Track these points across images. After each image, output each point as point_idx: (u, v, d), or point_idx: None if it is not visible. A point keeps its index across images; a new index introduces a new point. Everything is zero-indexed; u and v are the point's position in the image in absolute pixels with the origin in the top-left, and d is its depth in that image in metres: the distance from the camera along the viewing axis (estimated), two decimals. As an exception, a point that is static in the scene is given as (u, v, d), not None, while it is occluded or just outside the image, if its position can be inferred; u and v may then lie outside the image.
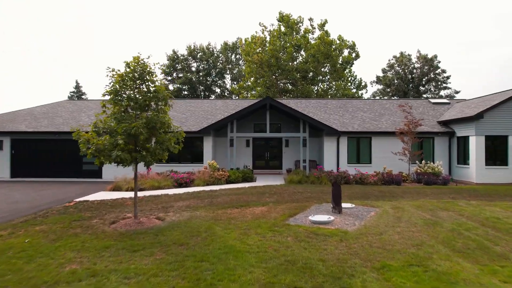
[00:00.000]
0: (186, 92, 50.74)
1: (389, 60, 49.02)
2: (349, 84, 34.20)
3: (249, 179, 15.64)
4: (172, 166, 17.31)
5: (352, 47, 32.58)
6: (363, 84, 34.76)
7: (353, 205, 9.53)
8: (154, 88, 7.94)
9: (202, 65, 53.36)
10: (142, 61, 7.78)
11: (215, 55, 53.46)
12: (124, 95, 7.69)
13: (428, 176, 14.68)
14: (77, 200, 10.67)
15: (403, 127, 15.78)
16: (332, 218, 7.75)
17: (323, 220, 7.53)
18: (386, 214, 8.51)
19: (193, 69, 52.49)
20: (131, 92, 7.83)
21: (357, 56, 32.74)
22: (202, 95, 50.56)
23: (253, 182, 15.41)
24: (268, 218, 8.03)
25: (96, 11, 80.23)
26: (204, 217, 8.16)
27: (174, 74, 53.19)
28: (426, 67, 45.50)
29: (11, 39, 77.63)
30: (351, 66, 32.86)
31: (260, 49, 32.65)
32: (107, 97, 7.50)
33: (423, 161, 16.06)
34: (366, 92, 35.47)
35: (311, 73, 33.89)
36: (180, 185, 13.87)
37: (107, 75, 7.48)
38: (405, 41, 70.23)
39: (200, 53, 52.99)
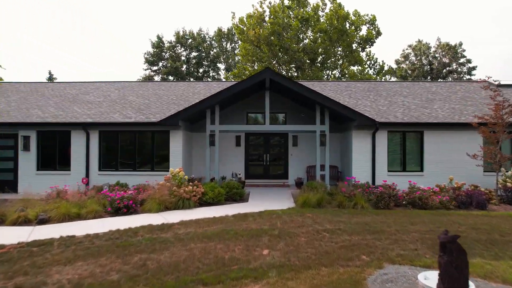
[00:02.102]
0: (173, 84, 45.41)
1: (403, 50, 43.89)
2: (368, 68, 28.84)
3: (238, 198, 10.33)
4: (123, 175, 12.02)
5: (372, 22, 27.22)
6: (386, 68, 29.34)
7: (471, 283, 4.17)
8: None
9: (193, 53, 48.13)
10: None
11: (208, 42, 48.18)
12: None
13: (529, 194, 9.35)
14: None
15: (484, 115, 10.44)
16: None
17: None
18: None
19: (183, 58, 47.24)
20: None
21: (378, 33, 27.37)
22: (192, 87, 45.22)
23: (243, 202, 10.09)
24: None
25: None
26: None
27: (160, 64, 47.95)
28: (447, 56, 40.34)
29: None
30: (372, 45, 27.50)
31: (257, 29, 27.34)
32: None
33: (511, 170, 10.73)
34: (390, 78, 30.12)
35: (321, 56, 28.56)
36: (117, 211, 8.50)
37: None
38: (407, 35, 65.04)
39: (190, 40, 47.65)
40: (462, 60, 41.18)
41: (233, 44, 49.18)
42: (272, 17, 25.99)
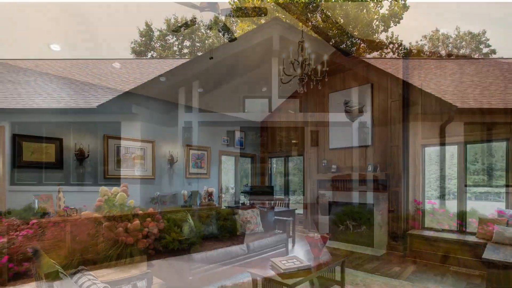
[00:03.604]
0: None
1: (417, 42, 39.84)
2: (391, 53, 24.60)
3: (226, 236, 6.08)
4: (51, 191, 7.74)
5: (395, -5, 23.00)
6: (413, 51, 25.06)
7: None
8: None
9: (186, 43, 43.89)
10: None
11: (202, 31, 44.00)
12: None
13: None
14: None
15: None
16: None
17: None
18: None
19: (175, 48, 43.16)
20: None
21: (405, 7, 23.13)
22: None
23: (236, 245, 5.83)
24: None
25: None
26: None
27: (149, 55, 43.78)
28: (469, 46, 36.20)
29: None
30: (397, 23, 23.25)
31: (257, 1, 23.15)
32: None
33: None
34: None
35: (333, 40, 24.32)
36: (-26, 279, 4.26)
37: None
38: (417, 28, 60.72)
39: (183, 28, 43.41)
40: (485, 50, 36.94)
41: (231, 35, 44.97)
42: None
